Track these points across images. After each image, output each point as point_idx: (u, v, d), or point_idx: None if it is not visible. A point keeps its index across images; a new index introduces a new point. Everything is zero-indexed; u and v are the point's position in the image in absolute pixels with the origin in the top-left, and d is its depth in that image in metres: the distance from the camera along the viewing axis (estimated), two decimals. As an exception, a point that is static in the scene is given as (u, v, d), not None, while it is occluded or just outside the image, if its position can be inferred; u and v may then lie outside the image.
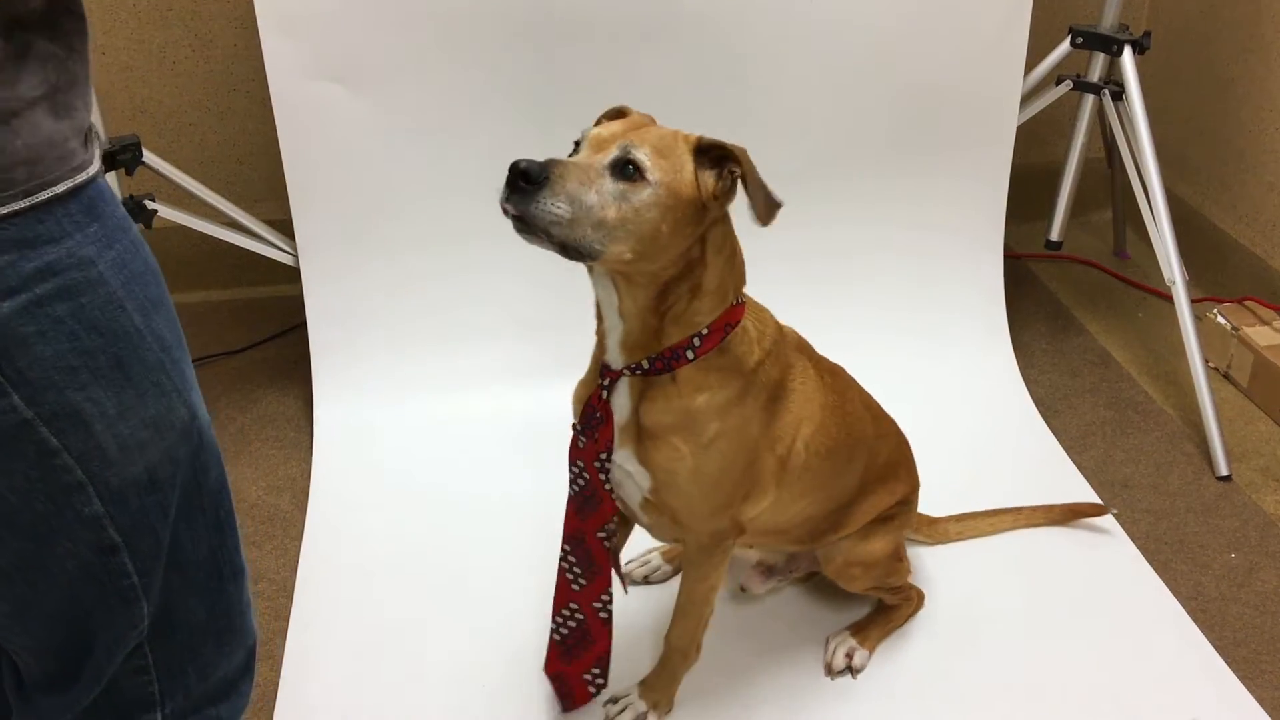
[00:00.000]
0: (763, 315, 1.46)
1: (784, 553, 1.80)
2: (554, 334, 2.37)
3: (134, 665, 1.00)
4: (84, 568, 0.92)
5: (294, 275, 2.37)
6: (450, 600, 1.88)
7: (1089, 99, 2.47)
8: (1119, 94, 2.40)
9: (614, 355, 1.39)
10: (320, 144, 2.23)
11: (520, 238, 1.21)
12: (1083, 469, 2.20)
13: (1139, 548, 1.99)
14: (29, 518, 0.88)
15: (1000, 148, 2.43)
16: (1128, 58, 2.36)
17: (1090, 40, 2.43)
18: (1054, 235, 2.53)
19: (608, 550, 1.52)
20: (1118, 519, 2.06)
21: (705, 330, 1.35)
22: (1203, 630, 1.82)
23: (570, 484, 1.50)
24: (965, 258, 2.51)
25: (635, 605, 1.79)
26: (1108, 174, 2.83)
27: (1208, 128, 2.89)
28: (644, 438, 1.41)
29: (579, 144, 1.29)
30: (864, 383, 1.68)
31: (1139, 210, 2.38)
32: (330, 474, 2.20)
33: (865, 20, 2.26)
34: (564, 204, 1.18)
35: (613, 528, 1.50)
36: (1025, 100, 2.46)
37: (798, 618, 1.84)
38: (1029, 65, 2.41)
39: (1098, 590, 1.90)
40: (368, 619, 1.85)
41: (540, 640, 1.78)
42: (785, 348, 1.48)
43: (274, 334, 2.66)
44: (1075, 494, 2.11)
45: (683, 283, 1.32)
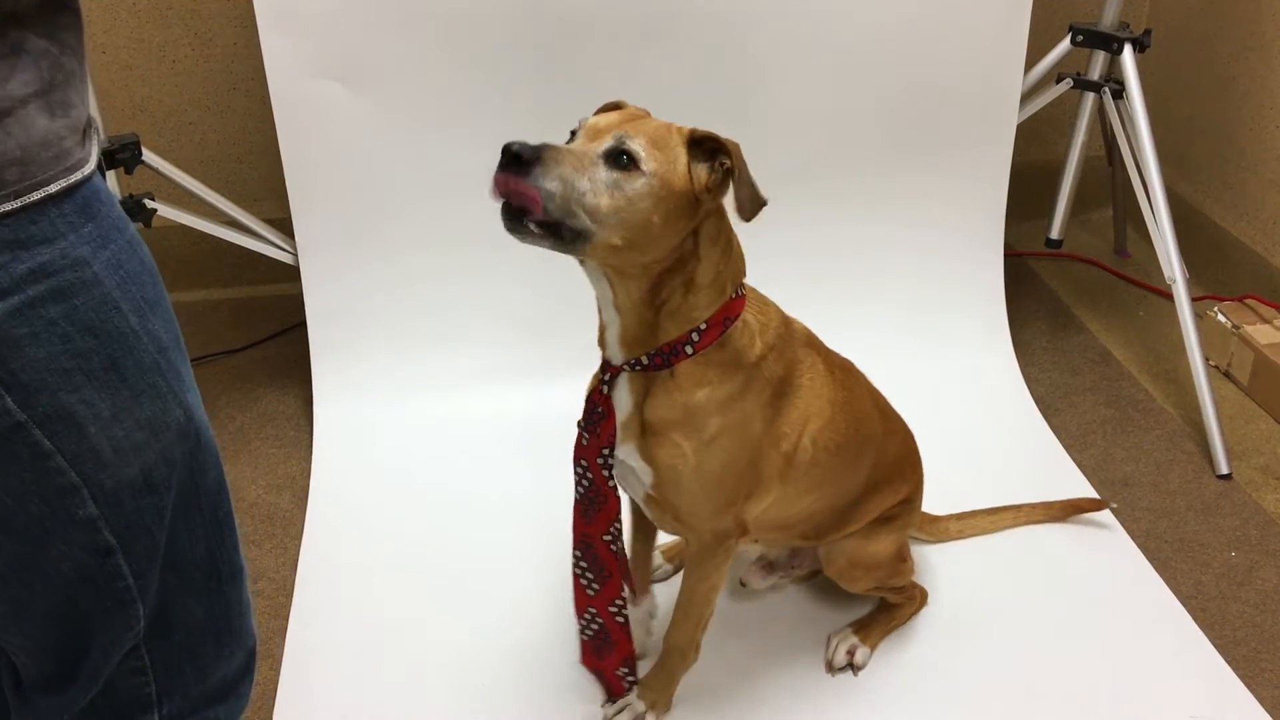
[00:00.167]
0: (766, 309, 1.45)
1: (786, 548, 1.79)
2: (554, 333, 2.37)
3: (131, 666, 1.00)
4: (79, 570, 0.92)
5: (294, 274, 2.37)
6: (450, 599, 1.88)
7: (1089, 97, 2.47)
8: (1119, 92, 2.39)
9: (613, 350, 1.39)
10: (320, 143, 2.23)
11: (511, 235, 1.22)
12: (1083, 467, 2.19)
13: (1139, 546, 1.99)
14: (23, 520, 0.88)
15: (1000, 146, 2.42)
16: (1128, 56, 2.36)
17: (1090, 38, 2.42)
18: (1054, 233, 2.52)
19: (615, 554, 1.52)
20: (1118, 517, 2.06)
21: (704, 325, 1.35)
22: (1203, 629, 1.82)
23: (575, 486, 1.50)
24: (965, 256, 2.50)
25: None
26: (1108, 172, 2.83)
27: (1208, 126, 2.89)
28: (647, 433, 1.41)
29: (575, 133, 1.29)
30: (864, 381, 1.68)
31: (1139, 208, 2.37)
32: (330, 473, 2.20)
33: (865, 18, 2.26)
34: (556, 182, 1.19)
35: (618, 528, 1.50)
36: (1025, 98, 2.46)
37: (799, 616, 1.84)
38: (1029, 63, 2.40)
39: (1098, 589, 1.90)
40: (367, 618, 1.85)
41: (539, 639, 1.79)
42: (791, 341, 1.47)
43: (274, 333, 2.66)
44: (1075, 492, 2.10)
45: (676, 276, 1.32)
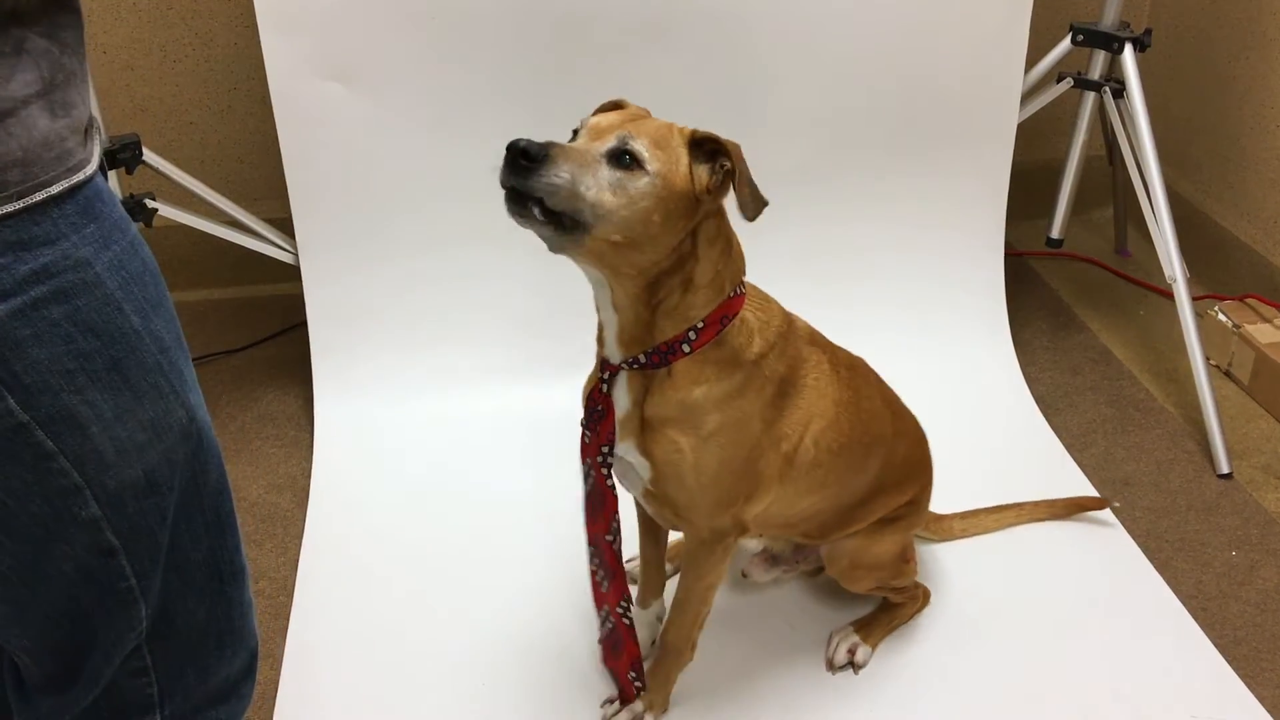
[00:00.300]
0: (767, 306, 1.45)
1: (790, 543, 1.80)
2: (555, 332, 2.37)
3: (133, 667, 1.00)
4: (82, 570, 0.92)
5: (294, 274, 2.37)
6: (451, 599, 1.88)
7: (1090, 96, 2.47)
8: (1120, 91, 2.39)
9: (611, 349, 1.40)
10: (320, 142, 2.23)
11: (512, 218, 1.22)
12: (1083, 467, 2.20)
13: (1140, 545, 1.99)
14: (26, 521, 0.88)
15: (1001, 145, 2.42)
16: (1128, 55, 2.36)
17: (1091, 38, 2.42)
18: (1055, 233, 2.52)
19: (616, 554, 1.53)
20: (1118, 516, 2.06)
21: (701, 323, 1.35)
22: (1203, 628, 1.82)
23: (583, 483, 1.51)
24: (966, 255, 2.50)
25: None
26: (1109, 171, 2.83)
27: (1209, 125, 2.89)
28: (645, 430, 1.41)
29: (577, 132, 1.29)
30: (868, 380, 1.67)
31: (1140, 207, 2.37)
32: (331, 472, 2.20)
33: (865, 18, 2.26)
34: (564, 175, 1.19)
35: (617, 526, 1.51)
36: (1026, 98, 2.46)
37: (801, 613, 1.84)
38: (1030, 63, 2.40)
39: (1098, 588, 1.90)
40: (368, 618, 1.85)
41: (540, 638, 1.79)
42: (794, 339, 1.47)
43: (274, 332, 2.66)
44: (1076, 492, 2.11)
45: (674, 276, 1.32)
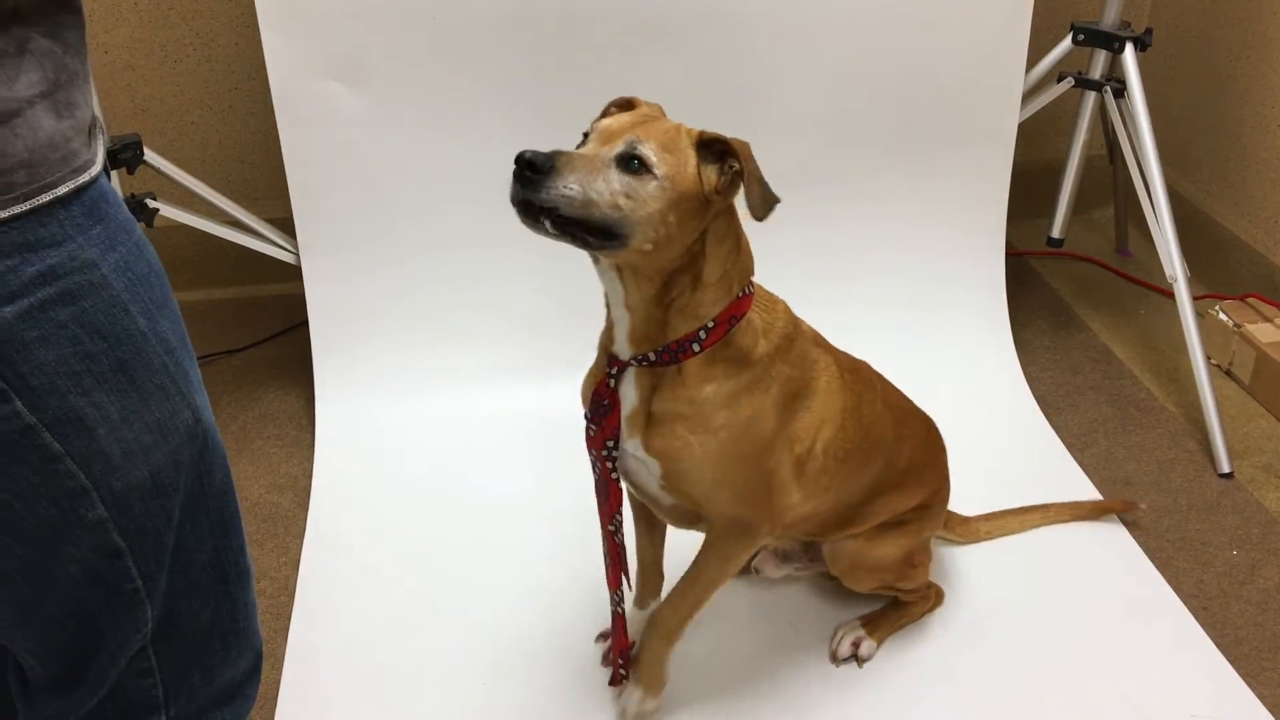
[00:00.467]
0: (773, 307, 1.46)
1: (797, 541, 1.80)
2: (556, 332, 2.37)
3: (138, 668, 1.00)
4: (88, 572, 0.92)
5: (295, 273, 2.37)
6: (452, 598, 1.89)
7: (1090, 96, 2.47)
8: (1120, 91, 2.40)
9: (621, 346, 1.40)
10: (321, 142, 2.23)
11: (525, 226, 1.23)
12: (1084, 466, 2.20)
13: (1140, 545, 1.99)
14: (32, 523, 0.88)
15: (1002, 145, 2.42)
16: (1129, 55, 2.36)
17: (1092, 37, 2.42)
18: (1056, 232, 2.52)
19: (617, 545, 1.53)
20: (1119, 515, 2.06)
21: (711, 323, 1.36)
22: (1204, 627, 1.82)
23: (592, 473, 1.52)
24: (967, 255, 2.50)
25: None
26: (1109, 171, 2.83)
27: (1209, 124, 2.89)
28: (652, 425, 1.42)
29: (587, 135, 1.30)
30: (867, 380, 1.67)
31: (1141, 207, 2.37)
32: (332, 472, 2.20)
33: (867, 18, 2.26)
34: (575, 185, 1.20)
35: (619, 520, 1.51)
36: (1027, 97, 2.46)
37: (809, 608, 1.85)
38: (1030, 62, 2.40)
39: (1099, 587, 1.90)
40: (369, 617, 1.85)
41: (542, 638, 1.80)
42: (801, 340, 1.47)
43: (275, 332, 2.66)
44: (1077, 491, 2.11)
45: (684, 275, 1.33)
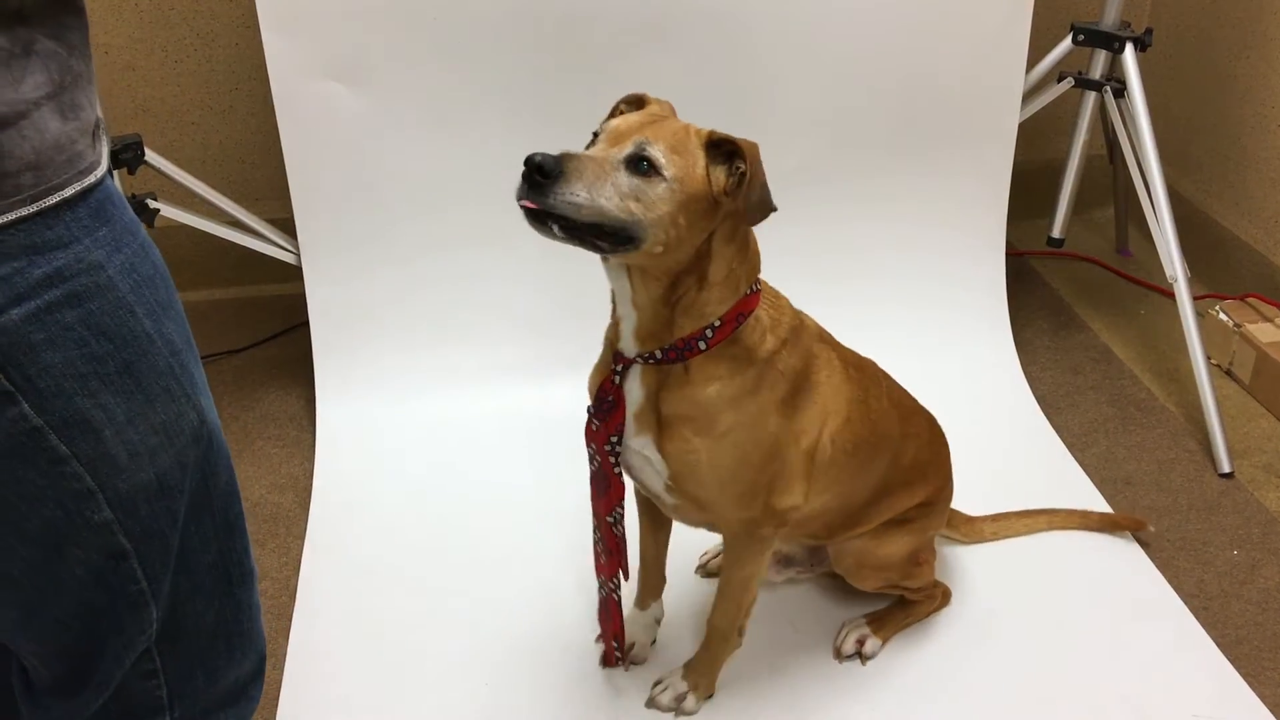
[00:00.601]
0: (779, 303, 1.46)
1: (802, 545, 1.80)
2: (557, 332, 2.37)
3: (143, 670, 1.00)
4: (93, 574, 0.92)
5: (296, 274, 2.37)
6: (453, 599, 1.89)
7: (1090, 96, 2.47)
8: (1121, 91, 2.40)
9: (628, 344, 1.40)
10: (322, 142, 2.23)
11: (533, 230, 1.23)
12: (1085, 466, 2.20)
13: (1141, 545, 1.99)
14: (39, 525, 0.88)
15: (1002, 145, 2.43)
16: (1129, 55, 2.36)
17: (1092, 37, 2.42)
18: (1056, 232, 2.53)
19: (616, 536, 1.54)
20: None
21: (718, 321, 1.36)
22: (1205, 627, 1.83)
23: (589, 464, 1.52)
24: (967, 255, 2.51)
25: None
26: (1109, 171, 2.83)
27: (1209, 124, 2.89)
28: (662, 426, 1.42)
29: (596, 135, 1.30)
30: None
31: (1141, 207, 2.38)
32: (333, 472, 2.20)
33: (867, 18, 2.26)
34: (582, 193, 1.20)
35: (620, 513, 1.52)
36: (1027, 97, 2.46)
37: (813, 608, 1.85)
38: (1031, 62, 2.41)
39: (1100, 587, 1.90)
40: (370, 618, 1.86)
41: (543, 638, 1.80)
42: (806, 337, 1.48)
43: (276, 332, 2.66)
44: (1077, 491, 2.12)
45: (691, 274, 1.33)
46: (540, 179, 1.19)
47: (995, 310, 2.53)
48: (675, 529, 1.71)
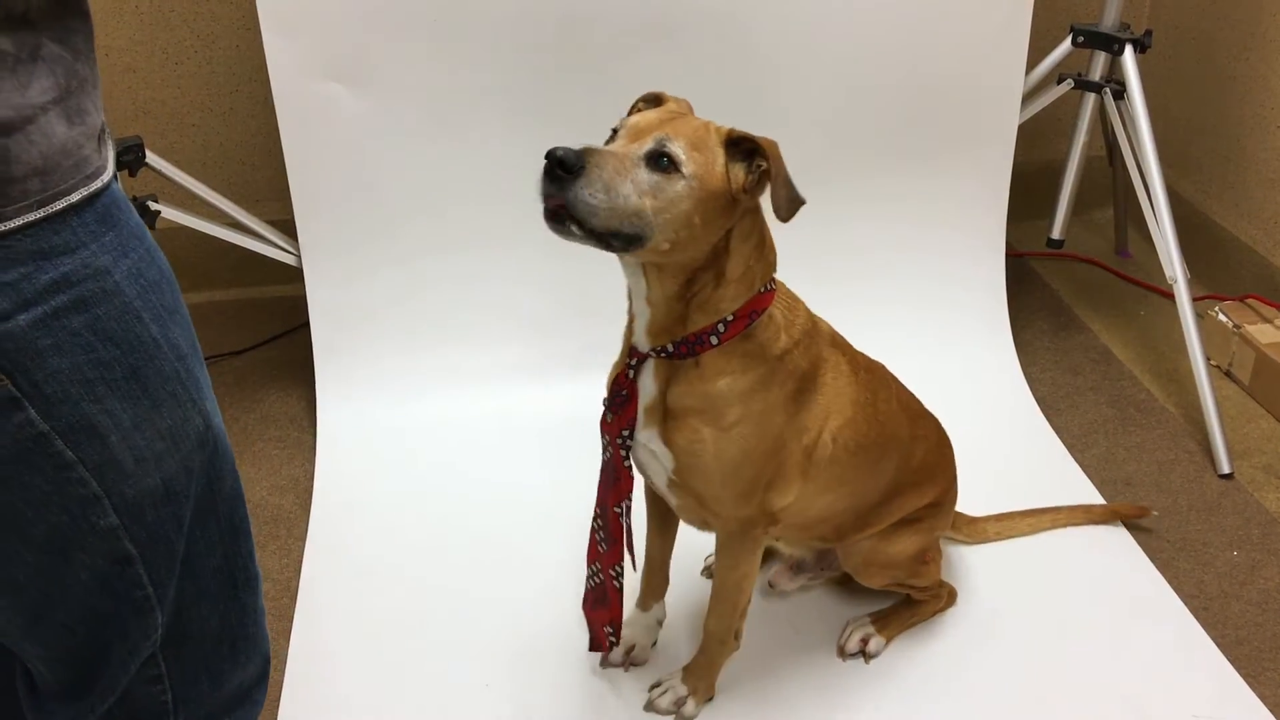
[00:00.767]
0: (794, 304, 1.47)
1: (811, 549, 1.80)
2: (558, 333, 2.37)
3: (148, 675, 1.00)
4: (99, 579, 0.92)
5: (297, 275, 2.38)
6: (454, 600, 1.89)
7: (1090, 97, 2.47)
8: (1120, 92, 2.40)
9: (640, 338, 1.41)
10: (323, 144, 2.24)
11: (552, 232, 1.23)
12: (1084, 467, 2.20)
13: (1141, 546, 2.00)
14: (44, 530, 0.88)
15: (1002, 146, 2.43)
16: (1129, 56, 2.36)
17: (1091, 39, 2.43)
18: (1055, 233, 2.53)
19: (623, 526, 1.55)
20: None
21: (730, 316, 1.37)
22: (1205, 628, 1.83)
23: (602, 453, 1.53)
24: (967, 256, 2.51)
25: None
26: (1109, 172, 2.83)
27: (1209, 126, 2.89)
28: (668, 419, 1.43)
29: (616, 131, 1.30)
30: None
31: (1140, 208, 2.38)
32: (333, 474, 2.20)
33: (866, 20, 2.26)
34: (600, 193, 1.20)
35: (628, 505, 1.53)
36: (1027, 99, 2.46)
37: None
38: (1030, 64, 2.41)
39: (1100, 588, 1.91)
40: (371, 619, 1.86)
41: (546, 640, 1.80)
42: (817, 339, 1.49)
43: (277, 334, 2.66)
44: (1077, 492, 2.12)
45: (708, 271, 1.34)
46: (562, 173, 1.19)
47: (995, 311, 2.53)
48: (681, 531, 1.71)
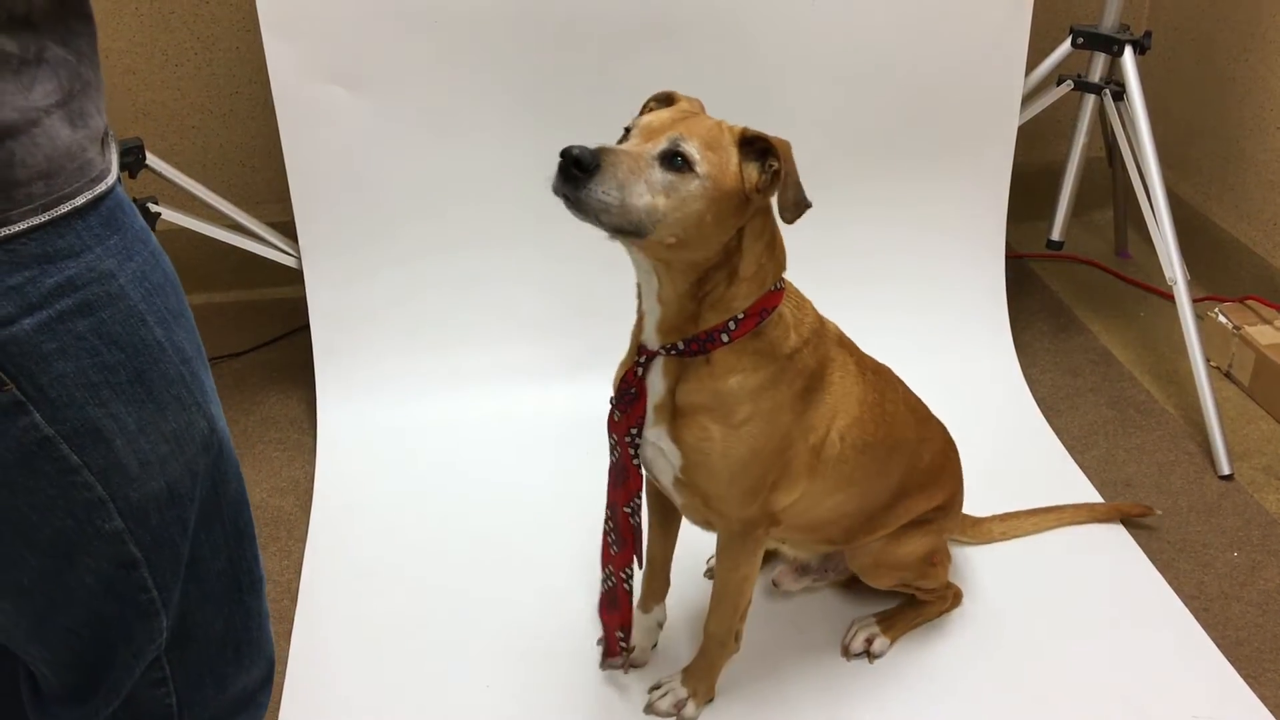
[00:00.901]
0: (803, 304, 1.48)
1: (818, 553, 1.80)
2: (558, 335, 2.37)
3: (152, 678, 1.00)
4: (104, 583, 0.92)
5: (297, 277, 2.38)
6: (455, 602, 1.89)
7: (1090, 99, 2.47)
8: (1120, 94, 2.40)
9: (650, 336, 1.41)
10: (323, 146, 2.24)
11: (572, 215, 1.23)
12: (1085, 468, 2.20)
13: (1141, 547, 2.00)
14: (49, 535, 0.88)
15: (1002, 148, 2.43)
16: (1128, 58, 2.36)
17: (1091, 40, 2.43)
18: (1055, 235, 2.53)
19: (632, 527, 1.55)
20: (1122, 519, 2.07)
21: (741, 315, 1.37)
22: (1205, 629, 1.83)
23: (609, 454, 1.53)
24: (967, 257, 2.51)
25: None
26: (1109, 173, 2.84)
27: (1209, 127, 2.90)
28: (677, 416, 1.43)
29: (629, 130, 1.30)
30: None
31: (1140, 209, 2.38)
32: (334, 476, 2.20)
33: (866, 21, 2.27)
34: (614, 192, 1.20)
35: (638, 504, 1.53)
36: (1026, 100, 2.46)
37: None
38: (1030, 65, 2.41)
39: (1100, 589, 1.91)
40: (372, 621, 1.86)
41: (547, 642, 1.80)
42: (825, 339, 1.50)
43: (277, 336, 2.66)
44: (1077, 493, 2.12)
45: (721, 269, 1.34)
46: (578, 172, 1.19)
47: (995, 312, 2.53)
48: (682, 533, 1.71)
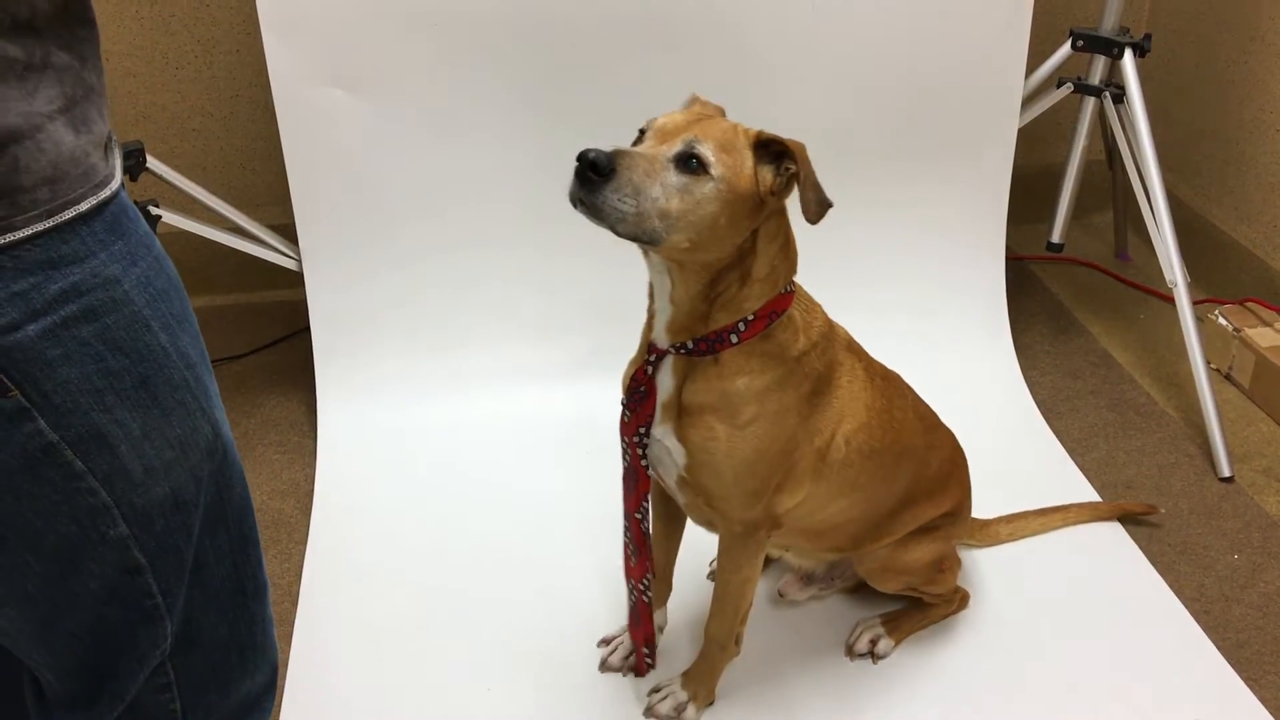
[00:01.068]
0: (813, 307, 1.48)
1: (824, 561, 1.80)
2: (559, 337, 2.37)
3: (156, 684, 1.00)
4: (108, 588, 0.92)
5: (297, 280, 2.38)
6: (456, 603, 1.89)
7: (1090, 101, 2.48)
8: (1120, 96, 2.41)
9: (660, 335, 1.42)
10: (323, 148, 2.24)
11: (587, 219, 1.24)
12: (1085, 470, 2.20)
13: (1142, 549, 2.00)
14: (54, 540, 0.87)
15: (1002, 150, 2.43)
16: (1128, 60, 2.37)
17: (1091, 43, 2.43)
18: (1055, 237, 2.53)
19: (644, 533, 1.55)
20: (1121, 520, 2.07)
21: (751, 316, 1.38)
22: (1206, 631, 1.83)
23: (622, 459, 1.53)
24: (967, 260, 2.51)
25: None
26: (1109, 176, 2.84)
27: (1209, 129, 2.90)
28: (683, 415, 1.43)
29: (644, 132, 1.31)
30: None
31: (1140, 212, 2.38)
32: (334, 478, 2.20)
33: (867, 23, 2.27)
34: (629, 198, 1.21)
35: (647, 508, 1.53)
36: (1026, 103, 2.47)
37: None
38: (1030, 68, 2.42)
39: (1101, 592, 1.91)
40: (372, 623, 1.86)
41: (548, 644, 1.80)
42: (834, 343, 1.50)
43: (277, 338, 2.66)
44: (1078, 495, 2.12)
45: (734, 270, 1.35)
46: (594, 176, 1.19)
47: (995, 315, 2.54)
48: (683, 536, 1.71)
